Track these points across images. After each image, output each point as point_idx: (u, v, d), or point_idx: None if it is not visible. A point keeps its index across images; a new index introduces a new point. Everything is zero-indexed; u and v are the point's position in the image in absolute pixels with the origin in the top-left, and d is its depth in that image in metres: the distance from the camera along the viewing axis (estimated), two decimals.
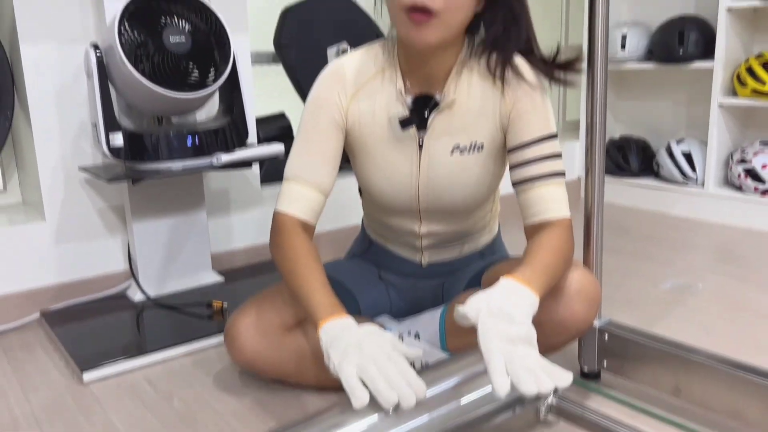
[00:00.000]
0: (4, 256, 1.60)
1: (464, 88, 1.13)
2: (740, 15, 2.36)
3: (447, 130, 1.15)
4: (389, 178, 1.19)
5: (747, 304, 1.63)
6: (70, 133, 1.65)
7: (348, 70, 1.16)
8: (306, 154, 1.15)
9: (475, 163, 1.17)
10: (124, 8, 1.42)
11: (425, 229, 1.26)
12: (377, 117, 1.16)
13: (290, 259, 1.11)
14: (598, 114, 1.16)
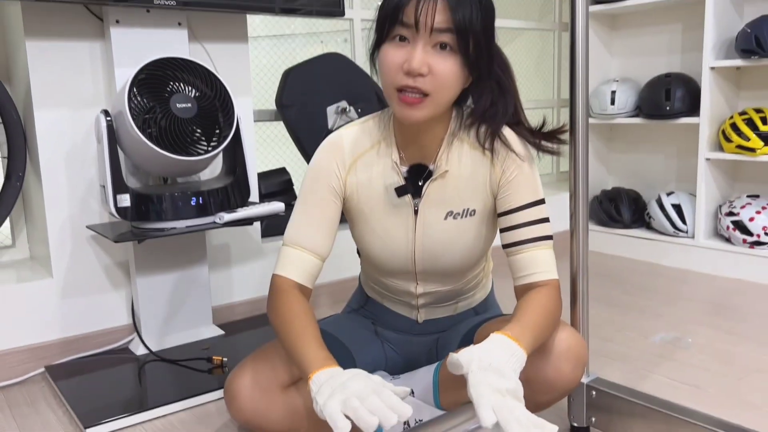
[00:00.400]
0: (12, 312, 1.65)
1: (455, 158, 1.20)
2: (723, 73, 2.46)
3: (441, 197, 1.21)
4: (387, 243, 1.25)
5: (735, 358, 1.67)
6: (79, 192, 1.72)
7: (346, 142, 1.23)
8: (305, 221, 1.21)
9: (469, 228, 1.23)
10: (134, 76, 1.50)
11: (422, 290, 1.31)
12: (374, 186, 1.23)
13: (285, 319, 1.15)
14: (581, 177, 1.23)
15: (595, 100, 2.81)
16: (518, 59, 3.37)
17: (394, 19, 1.05)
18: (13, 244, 1.93)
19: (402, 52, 1.06)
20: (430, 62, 1.05)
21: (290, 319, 1.14)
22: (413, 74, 1.05)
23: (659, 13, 2.80)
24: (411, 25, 1.04)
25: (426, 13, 1.03)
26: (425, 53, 1.05)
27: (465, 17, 1.04)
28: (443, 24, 1.03)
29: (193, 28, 1.83)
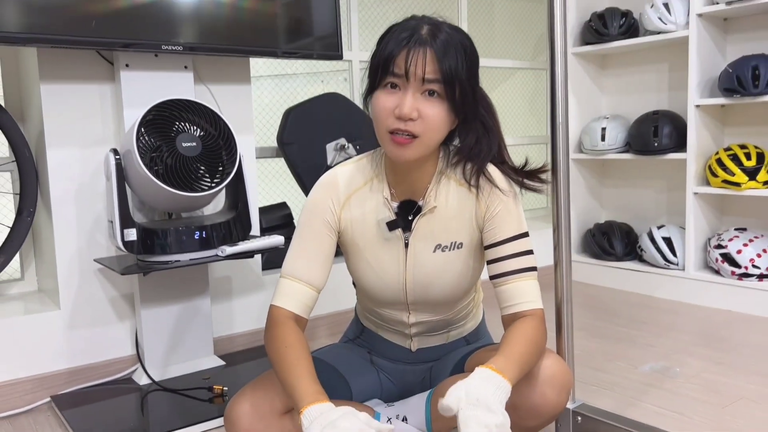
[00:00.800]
0: (20, 343, 1.71)
1: (443, 195, 1.28)
2: (708, 111, 2.55)
3: (429, 231, 1.28)
4: (379, 274, 1.32)
5: (721, 387, 1.71)
6: (87, 227, 1.79)
7: (341, 179, 1.31)
8: (301, 254, 1.27)
9: (456, 260, 1.30)
10: (142, 116, 1.59)
11: (414, 319, 1.38)
12: (367, 221, 1.30)
13: (280, 350, 1.20)
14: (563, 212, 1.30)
15: (586, 137, 2.90)
16: (512, 97, 3.48)
17: (386, 68, 1.14)
18: (22, 277, 1.99)
19: (393, 98, 1.14)
20: (419, 108, 1.13)
21: (285, 351, 1.19)
22: (404, 119, 1.13)
23: (646, 53, 2.91)
24: (402, 75, 1.13)
25: (416, 64, 1.11)
26: (415, 99, 1.13)
27: (451, 67, 1.12)
28: (431, 74, 1.12)
29: (199, 71, 1.92)
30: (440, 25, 1.16)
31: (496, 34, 3.32)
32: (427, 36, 1.13)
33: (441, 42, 1.13)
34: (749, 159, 2.37)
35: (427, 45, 1.12)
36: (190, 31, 1.72)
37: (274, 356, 1.21)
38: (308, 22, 1.94)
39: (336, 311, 2.30)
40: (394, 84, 1.15)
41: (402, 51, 1.13)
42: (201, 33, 1.73)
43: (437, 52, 1.12)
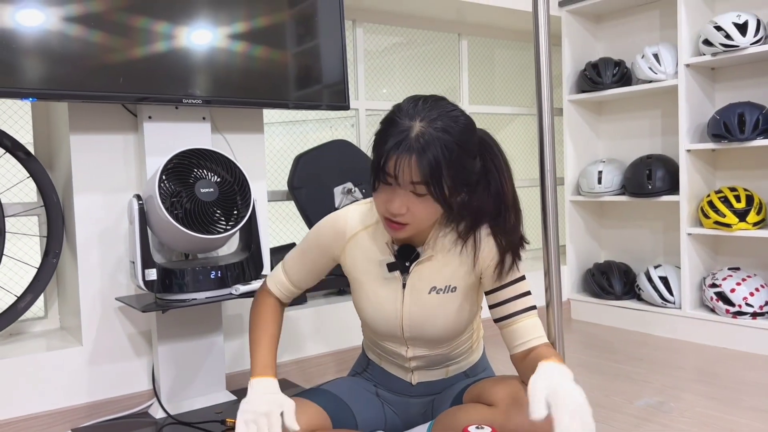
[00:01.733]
0: (43, 378, 1.80)
1: (441, 245, 1.38)
2: (699, 155, 2.66)
3: (426, 275, 1.39)
4: (378, 310, 1.42)
5: (713, 421, 1.78)
6: (109, 268, 1.90)
7: (349, 219, 1.43)
8: (299, 263, 1.47)
9: (450, 302, 1.40)
10: (164, 165, 1.71)
11: (412, 353, 1.47)
12: (369, 260, 1.42)
13: (253, 320, 1.44)
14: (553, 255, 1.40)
15: (583, 180, 3.02)
16: (515, 141, 3.62)
17: (379, 172, 1.25)
18: (45, 315, 2.10)
19: (387, 195, 1.26)
20: (408, 205, 1.24)
21: (257, 322, 1.43)
22: (394, 214, 1.25)
23: (639, 100, 3.04)
24: (392, 177, 1.23)
25: (402, 171, 1.21)
26: (404, 198, 1.24)
27: (434, 171, 1.20)
28: (416, 178, 1.21)
29: (216, 121, 2.06)
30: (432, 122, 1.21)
31: (496, 81, 3.48)
32: (414, 141, 1.19)
33: (424, 147, 1.19)
34: (739, 201, 2.48)
35: (412, 152, 1.19)
36: (207, 84, 1.86)
37: (251, 324, 1.45)
38: (317, 74, 2.08)
39: (344, 348, 2.39)
40: (388, 183, 1.25)
41: (391, 158, 1.21)
42: (217, 86, 1.87)
43: (419, 159, 1.19)
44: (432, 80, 3.18)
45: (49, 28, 1.63)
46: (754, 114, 2.39)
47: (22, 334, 2.02)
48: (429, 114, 1.23)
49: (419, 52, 3.16)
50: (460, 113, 1.27)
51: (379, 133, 1.27)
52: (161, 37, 1.77)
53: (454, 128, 1.23)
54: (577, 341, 2.68)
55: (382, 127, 1.27)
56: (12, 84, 1.58)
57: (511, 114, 3.44)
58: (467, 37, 3.24)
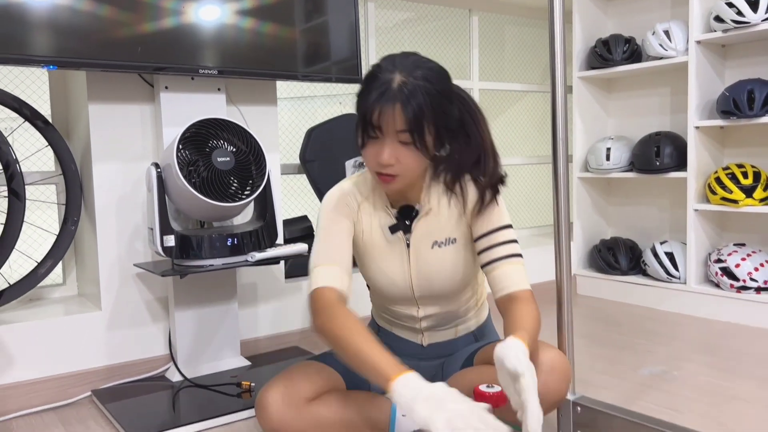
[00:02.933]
0: (64, 341, 1.86)
1: (435, 198, 1.45)
2: (707, 132, 2.68)
3: (427, 231, 1.45)
4: (387, 273, 1.47)
5: (716, 388, 1.83)
6: (126, 235, 1.95)
7: (349, 194, 1.47)
8: (327, 244, 1.40)
9: (452, 253, 1.45)
10: (182, 134, 1.75)
11: (423, 313, 1.52)
12: (373, 227, 1.47)
13: (345, 329, 1.26)
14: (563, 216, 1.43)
15: (592, 157, 3.04)
16: (522, 118, 3.63)
17: (365, 125, 1.29)
18: (63, 282, 2.15)
19: (375, 147, 1.30)
20: (396, 155, 1.28)
21: (350, 327, 1.26)
22: (385, 165, 1.29)
23: (649, 78, 3.05)
24: (378, 128, 1.27)
25: (386, 121, 1.26)
26: (392, 148, 1.28)
27: (418, 117, 1.24)
28: (401, 126, 1.25)
29: (230, 93, 2.09)
30: (411, 72, 1.26)
31: (506, 58, 3.49)
32: (396, 91, 1.24)
33: (407, 95, 1.23)
34: (746, 177, 2.50)
35: (396, 100, 1.24)
36: (222, 56, 1.88)
37: (337, 336, 1.27)
38: (331, 47, 2.10)
39: None
40: (375, 136, 1.29)
41: (376, 109, 1.25)
42: (232, 58, 1.90)
43: (404, 106, 1.24)
44: (442, 56, 3.19)
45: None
46: (764, 91, 2.41)
47: (41, 300, 2.08)
48: (407, 66, 1.28)
49: (430, 27, 3.17)
50: (435, 64, 1.32)
51: (362, 90, 1.32)
52: (178, 9, 1.80)
53: (433, 76, 1.29)
54: (582, 315, 2.72)
55: (364, 85, 1.31)
56: (34, 52, 1.62)
57: (521, 91, 3.46)
58: (478, 12, 3.24)
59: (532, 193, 3.68)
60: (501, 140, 3.58)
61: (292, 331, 2.30)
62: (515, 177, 3.63)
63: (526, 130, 3.65)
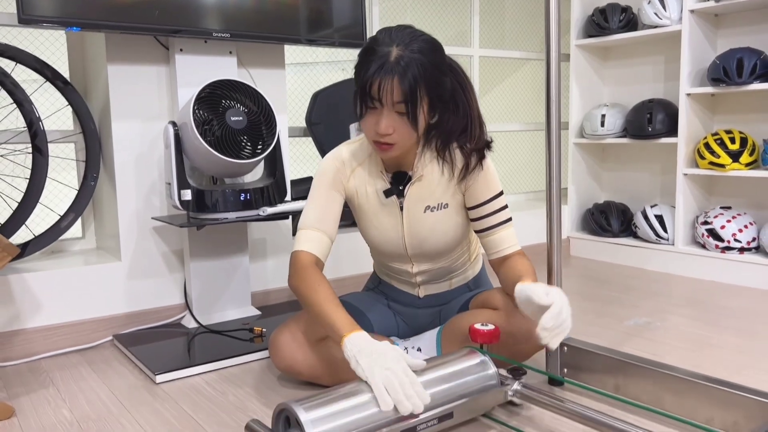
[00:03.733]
0: (86, 289, 1.98)
1: (428, 165, 1.54)
2: (698, 99, 2.78)
3: (419, 195, 1.55)
4: (382, 234, 1.59)
5: (696, 337, 1.96)
6: (144, 190, 2.06)
7: (346, 156, 1.58)
8: (316, 211, 1.53)
9: (444, 217, 1.56)
10: (197, 94, 1.85)
11: (417, 269, 1.64)
12: (368, 191, 1.58)
13: (311, 288, 1.41)
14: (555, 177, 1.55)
15: (587, 123, 3.14)
16: (523, 85, 3.72)
17: (364, 97, 1.39)
18: (83, 236, 2.27)
19: (373, 117, 1.40)
20: (393, 125, 1.38)
21: (316, 289, 1.41)
22: (382, 134, 1.39)
23: (644, 46, 3.14)
24: (377, 100, 1.37)
25: (385, 94, 1.35)
26: (389, 119, 1.38)
27: (413, 90, 1.34)
28: (398, 98, 1.35)
29: (241, 56, 2.19)
30: (408, 45, 1.35)
31: (506, 26, 3.56)
32: (394, 64, 1.33)
33: (404, 68, 1.33)
34: (733, 142, 2.61)
35: (394, 73, 1.32)
36: (234, 20, 1.97)
37: (305, 295, 1.42)
38: (333, 12, 2.19)
39: (356, 274, 2.57)
40: (373, 107, 1.39)
41: (375, 81, 1.35)
42: (243, 22, 1.99)
43: (401, 79, 1.33)
44: (443, 23, 3.27)
45: None
46: (753, 59, 2.50)
47: (62, 252, 2.20)
48: (404, 39, 1.36)
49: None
50: (429, 36, 1.41)
51: (360, 63, 1.40)
52: None
53: (428, 49, 1.37)
54: (574, 275, 2.86)
55: (363, 57, 1.40)
56: (59, 14, 1.71)
57: (521, 59, 3.54)
58: None
59: (530, 159, 3.79)
60: (500, 107, 3.68)
61: None
62: (513, 143, 3.74)
63: (525, 98, 3.75)
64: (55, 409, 1.53)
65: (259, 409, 1.51)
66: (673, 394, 1.37)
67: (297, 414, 1.12)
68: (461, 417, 1.31)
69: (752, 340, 1.92)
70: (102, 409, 1.53)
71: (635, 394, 1.44)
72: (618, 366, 1.48)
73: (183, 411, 1.50)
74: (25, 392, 1.64)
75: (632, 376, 1.45)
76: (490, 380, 1.35)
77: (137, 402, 1.56)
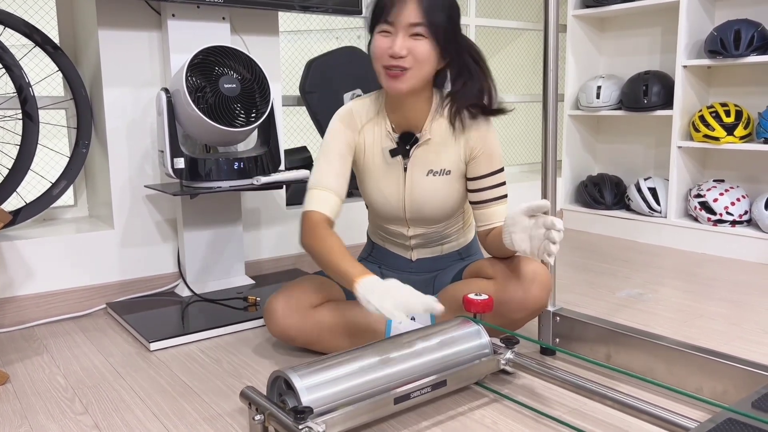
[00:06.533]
0: (79, 257, 1.98)
1: (437, 130, 1.55)
2: (694, 71, 2.77)
3: (424, 159, 1.56)
4: (383, 192, 1.59)
5: (686, 308, 1.98)
6: (137, 158, 2.05)
7: (356, 112, 1.59)
8: (327, 169, 1.54)
9: (445, 183, 1.57)
10: (190, 61, 1.82)
11: (412, 232, 1.65)
12: (374, 149, 1.58)
13: (324, 244, 1.45)
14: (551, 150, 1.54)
15: (583, 95, 3.13)
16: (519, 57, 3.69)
17: (379, 17, 1.42)
18: (75, 204, 2.26)
19: (387, 41, 1.42)
20: (408, 46, 1.41)
21: (326, 243, 1.44)
22: (396, 57, 1.41)
23: (641, 17, 3.11)
24: (392, 22, 1.40)
25: (402, 13, 1.39)
26: (404, 40, 1.41)
27: (432, 12, 1.40)
28: (416, 19, 1.39)
29: (234, 23, 2.15)
30: None
31: None
32: None
33: None
34: (728, 116, 2.61)
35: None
36: None
37: (317, 251, 1.45)
38: None
39: (351, 244, 2.57)
40: (387, 31, 1.42)
41: (392, 3, 1.40)
42: None
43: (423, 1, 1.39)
44: None
45: None
46: (750, 31, 2.49)
47: (55, 220, 2.19)
48: None
49: None
50: None
51: None
52: None
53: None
54: (567, 246, 2.87)
55: None
56: None
57: (517, 29, 3.50)
58: None
59: (525, 131, 3.78)
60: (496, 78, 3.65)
61: (292, 254, 2.43)
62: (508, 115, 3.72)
63: (522, 69, 3.72)
64: (49, 376, 1.53)
65: (254, 376, 1.52)
66: (664, 363, 1.39)
67: (292, 380, 1.13)
68: (454, 385, 1.32)
69: (742, 312, 1.94)
70: (96, 375, 1.53)
71: (626, 363, 1.46)
72: (609, 336, 1.49)
73: (177, 378, 1.51)
74: (19, 359, 1.64)
75: (623, 346, 1.46)
76: (483, 349, 1.36)
77: (132, 369, 1.56)
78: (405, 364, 1.25)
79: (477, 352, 1.35)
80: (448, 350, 1.31)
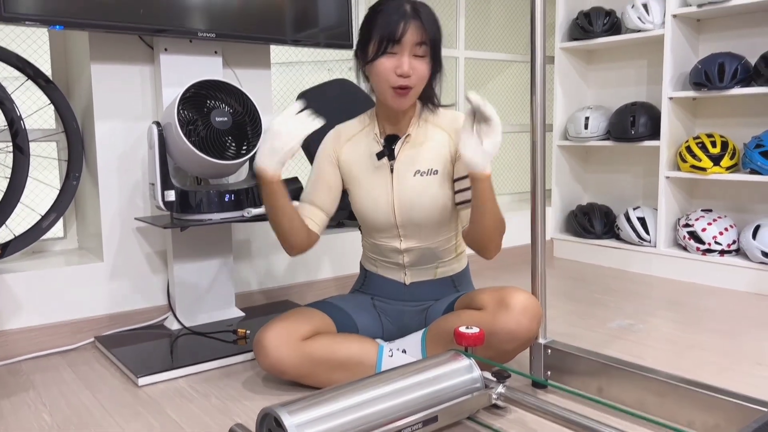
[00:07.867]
0: (68, 290, 1.96)
1: (422, 131, 1.64)
2: (680, 103, 2.81)
3: (410, 159, 1.63)
4: (372, 196, 1.65)
5: (677, 339, 1.99)
6: (127, 191, 2.04)
7: (341, 131, 1.72)
8: (315, 187, 1.68)
9: (432, 184, 1.62)
10: (182, 94, 1.84)
11: (405, 245, 1.66)
12: (362, 155, 1.66)
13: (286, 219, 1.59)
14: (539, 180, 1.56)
15: (571, 125, 3.16)
16: (508, 88, 3.74)
17: (384, 41, 1.50)
18: (64, 236, 2.24)
19: (393, 61, 1.51)
20: (413, 66, 1.51)
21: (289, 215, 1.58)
22: (405, 75, 1.50)
23: (627, 50, 3.17)
24: (399, 44, 1.49)
25: (411, 34, 1.49)
26: (409, 60, 1.51)
27: (434, 33, 1.53)
28: (420, 39, 1.50)
29: (226, 56, 2.17)
30: (415, 3, 1.53)
31: (491, 28, 3.58)
32: (412, 12, 1.50)
33: (424, 15, 1.52)
34: (714, 146, 2.64)
35: (416, 17, 1.50)
36: (219, 20, 1.96)
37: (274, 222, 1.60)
38: (319, 12, 2.19)
39: (343, 275, 2.56)
40: (392, 52, 1.50)
41: (399, 25, 1.49)
42: (228, 22, 1.98)
43: (424, 22, 1.50)
44: None
45: None
46: (734, 64, 2.53)
47: (44, 252, 2.17)
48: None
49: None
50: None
51: (374, 16, 1.53)
52: None
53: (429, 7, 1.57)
54: (558, 275, 2.88)
55: (374, 11, 1.54)
56: (42, 12, 1.69)
57: (506, 61, 3.56)
58: None
59: (514, 161, 3.81)
60: None
61: (282, 286, 2.42)
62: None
63: (510, 100, 3.76)
64: (35, 413, 1.51)
65: (243, 412, 1.50)
66: (655, 396, 1.39)
67: (281, 418, 1.12)
68: (446, 420, 1.31)
69: (733, 342, 1.95)
70: (83, 412, 1.51)
71: (618, 396, 1.46)
72: (601, 369, 1.49)
73: (166, 414, 1.49)
74: (5, 395, 1.61)
75: (615, 379, 1.46)
76: (475, 383, 1.35)
77: (119, 405, 1.54)
78: (395, 400, 1.24)
79: (468, 386, 1.34)
80: (439, 385, 1.31)
